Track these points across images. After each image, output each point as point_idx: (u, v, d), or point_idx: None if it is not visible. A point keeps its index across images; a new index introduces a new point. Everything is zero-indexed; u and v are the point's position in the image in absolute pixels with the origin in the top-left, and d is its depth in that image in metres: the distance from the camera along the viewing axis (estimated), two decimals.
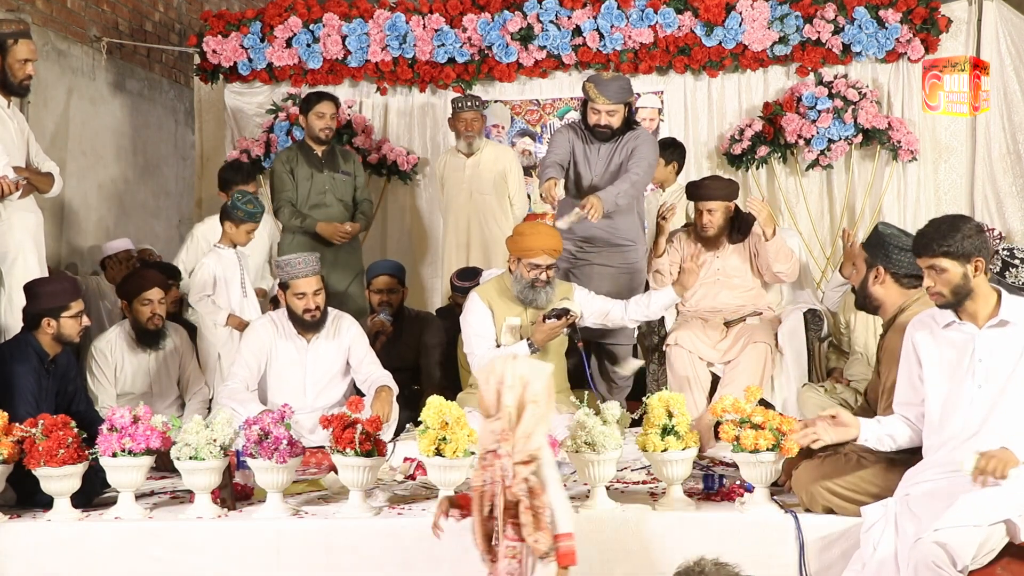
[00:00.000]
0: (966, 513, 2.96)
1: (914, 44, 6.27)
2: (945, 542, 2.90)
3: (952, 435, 3.20)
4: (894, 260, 3.54)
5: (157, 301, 5.04)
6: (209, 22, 6.88)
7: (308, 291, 4.68)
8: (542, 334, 4.66)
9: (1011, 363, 3.13)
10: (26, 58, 4.63)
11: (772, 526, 3.49)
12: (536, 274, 4.71)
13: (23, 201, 4.66)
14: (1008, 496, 3.01)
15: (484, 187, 6.19)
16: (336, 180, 5.96)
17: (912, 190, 6.42)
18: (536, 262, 4.70)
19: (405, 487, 4.10)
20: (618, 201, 4.93)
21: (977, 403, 3.16)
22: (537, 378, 2.74)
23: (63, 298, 4.22)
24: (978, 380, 3.16)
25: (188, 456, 3.67)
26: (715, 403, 3.68)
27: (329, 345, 4.82)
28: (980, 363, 3.16)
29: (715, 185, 5.30)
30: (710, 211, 5.22)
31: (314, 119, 5.97)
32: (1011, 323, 3.14)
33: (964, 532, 2.93)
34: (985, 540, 2.97)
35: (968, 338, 3.19)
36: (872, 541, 3.14)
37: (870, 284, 3.61)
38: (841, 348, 5.24)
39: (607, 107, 5.05)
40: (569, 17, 6.48)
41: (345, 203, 6.02)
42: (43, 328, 4.18)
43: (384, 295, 5.55)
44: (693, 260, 4.93)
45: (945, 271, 3.14)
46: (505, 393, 2.70)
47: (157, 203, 7.83)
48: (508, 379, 2.71)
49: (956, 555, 2.89)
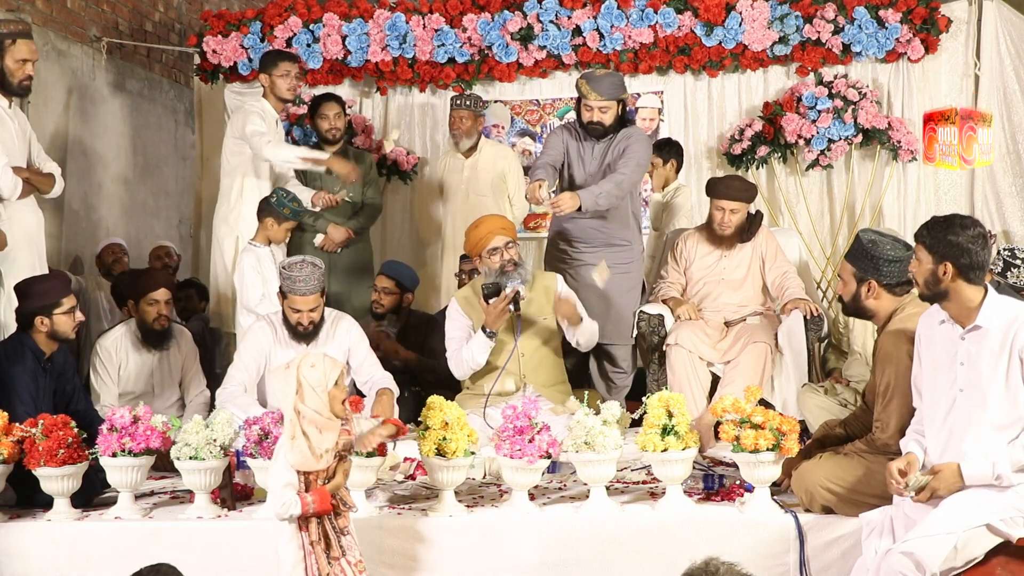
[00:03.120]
0: (940, 521, 2.99)
1: (914, 44, 6.27)
2: (911, 551, 2.94)
3: (935, 437, 3.21)
4: (885, 273, 3.51)
5: (164, 302, 5.03)
6: (209, 22, 6.88)
7: (304, 308, 4.62)
8: (491, 316, 4.67)
9: (989, 369, 3.11)
10: (25, 58, 4.62)
11: (772, 526, 3.49)
12: (498, 258, 4.72)
13: (23, 201, 4.66)
14: (986, 501, 3.02)
15: (482, 188, 6.19)
16: (346, 180, 5.95)
17: (912, 190, 6.42)
18: (493, 245, 4.73)
19: (405, 487, 4.11)
20: (599, 201, 4.93)
21: (958, 406, 3.15)
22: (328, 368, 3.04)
23: (54, 295, 4.20)
24: (959, 384, 3.16)
25: (188, 456, 3.67)
26: (715, 403, 3.69)
27: (327, 348, 4.78)
28: (961, 367, 3.15)
29: (739, 185, 5.32)
30: (733, 211, 5.24)
31: (319, 121, 6.01)
32: (988, 328, 3.11)
33: (933, 540, 2.95)
34: (964, 545, 2.98)
35: (954, 340, 3.19)
36: (873, 548, 3.15)
37: (863, 298, 3.57)
38: (840, 348, 5.24)
39: (599, 103, 5.06)
40: (569, 17, 6.47)
41: (354, 204, 6.02)
42: (37, 327, 4.17)
43: (378, 294, 5.56)
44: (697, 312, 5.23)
45: (919, 261, 3.18)
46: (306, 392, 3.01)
47: (157, 203, 7.83)
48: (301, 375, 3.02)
49: (923, 563, 2.92)
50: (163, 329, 5.05)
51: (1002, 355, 3.09)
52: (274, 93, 5.74)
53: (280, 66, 5.72)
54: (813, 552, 3.45)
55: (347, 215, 5.96)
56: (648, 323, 5.24)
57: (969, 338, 3.15)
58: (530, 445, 3.57)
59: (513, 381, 4.78)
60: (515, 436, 3.59)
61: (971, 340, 3.15)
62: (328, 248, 5.90)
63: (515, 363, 4.80)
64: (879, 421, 3.51)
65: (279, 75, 5.71)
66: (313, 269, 4.58)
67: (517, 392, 4.76)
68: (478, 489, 4.03)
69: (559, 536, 3.55)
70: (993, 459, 3.05)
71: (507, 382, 4.77)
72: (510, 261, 4.72)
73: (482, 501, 3.83)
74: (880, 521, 3.21)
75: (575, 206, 4.85)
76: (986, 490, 3.05)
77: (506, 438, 3.60)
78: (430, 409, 3.68)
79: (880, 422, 3.50)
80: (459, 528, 3.59)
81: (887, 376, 3.47)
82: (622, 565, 3.51)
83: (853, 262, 3.58)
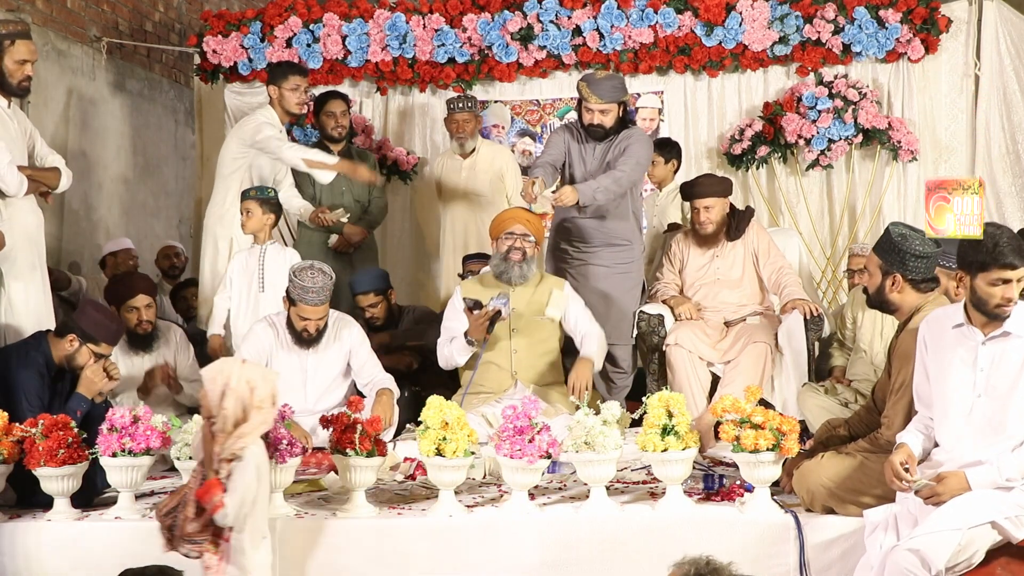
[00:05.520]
0: (946, 518, 2.99)
1: (914, 44, 6.27)
2: (918, 548, 2.93)
3: (947, 440, 3.20)
4: (911, 268, 3.48)
5: (143, 307, 5.00)
6: (209, 22, 6.88)
7: (313, 317, 4.62)
8: (471, 327, 4.76)
9: (1012, 377, 3.09)
10: (24, 59, 4.60)
11: (772, 526, 3.49)
12: (510, 243, 4.77)
13: (23, 202, 4.65)
14: (992, 499, 3.02)
15: (480, 188, 6.20)
16: (353, 181, 5.96)
17: (912, 190, 6.42)
18: (511, 230, 4.82)
19: (405, 487, 4.11)
20: (596, 196, 4.95)
21: (975, 413, 3.14)
22: (264, 384, 2.77)
23: (102, 334, 4.21)
24: (978, 390, 3.14)
25: (188, 456, 3.67)
26: (715, 403, 3.68)
27: (329, 351, 4.78)
28: (981, 372, 3.14)
29: (709, 182, 5.37)
30: (707, 208, 5.27)
31: (325, 119, 6.01)
32: (1015, 335, 3.10)
33: (940, 537, 2.94)
34: (969, 542, 2.98)
35: (973, 344, 3.17)
36: (878, 544, 3.15)
37: (887, 291, 3.55)
38: (845, 344, 5.22)
39: (599, 106, 5.07)
40: (569, 17, 6.48)
41: (362, 204, 6.04)
42: (65, 341, 4.17)
43: (370, 310, 5.52)
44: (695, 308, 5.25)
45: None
46: (228, 395, 2.73)
47: (157, 203, 7.83)
48: (234, 382, 2.74)
49: (929, 560, 2.91)
50: (147, 333, 5.04)
51: None
52: (282, 105, 5.72)
53: (291, 79, 5.70)
54: (813, 552, 3.44)
55: (356, 216, 5.96)
56: (648, 323, 5.24)
57: (992, 343, 3.13)
58: (530, 445, 3.56)
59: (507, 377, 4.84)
60: (515, 436, 3.59)
61: (993, 345, 3.13)
62: (342, 248, 5.91)
63: (507, 359, 4.82)
64: (886, 418, 3.51)
65: (289, 88, 5.69)
66: (325, 280, 4.56)
67: (508, 390, 4.79)
68: (478, 489, 4.03)
69: (559, 536, 3.55)
70: (998, 464, 3.04)
71: (501, 378, 4.82)
72: (517, 250, 4.80)
73: (482, 501, 3.83)
74: (884, 518, 3.20)
75: (575, 199, 4.88)
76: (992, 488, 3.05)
77: (506, 438, 3.60)
78: (430, 409, 3.68)
79: (887, 419, 3.50)
80: (459, 528, 3.59)
81: (903, 374, 3.45)
82: (622, 565, 3.50)
83: (880, 254, 3.55)
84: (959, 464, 3.12)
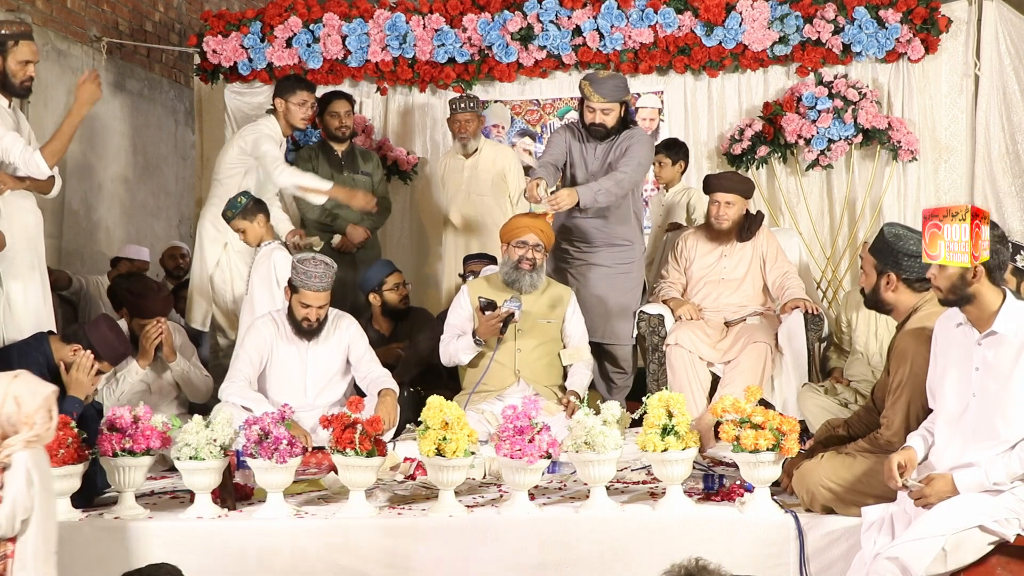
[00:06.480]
0: (930, 525, 2.99)
1: (914, 44, 6.27)
2: (897, 556, 2.95)
3: (941, 440, 3.20)
4: (905, 267, 3.50)
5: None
6: (209, 22, 6.88)
7: (314, 304, 4.67)
8: (482, 327, 4.79)
9: (1003, 378, 3.09)
10: (27, 59, 4.61)
11: (772, 526, 3.49)
12: (521, 253, 4.81)
13: (23, 201, 4.65)
14: (979, 503, 3.02)
15: (482, 188, 6.20)
16: (356, 180, 5.97)
17: (912, 190, 6.42)
18: (522, 239, 4.82)
19: (405, 487, 4.11)
20: (597, 198, 4.96)
21: (971, 411, 3.14)
22: (32, 398, 2.77)
23: (108, 354, 4.22)
24: (973, 388, 3.15)
25: (188, 456, 3.68)
26: (715, 403, 3.69)
27: (329, 345, 4.82)
28: (976, 372, 3.14)
29: (735, 179, 5.43)
30: (728, 203, 5.29)
31: (329, 119, 6.04)
32: (1005, 335, 3.09)
33: (921, 545, 2.95)
34: (955, 547, 2.98)
35: (970, 344, 3.17)
36: (872, 540, 3.15)
37: (882, 291, 3.57)
38: (841, 347, 5.23)
39: (602, 105, 5.08)
40: (569, 17, 6.47)
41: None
42: (69, 348, 4.15)
43: (402, 288, 5.58)
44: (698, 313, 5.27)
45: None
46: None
47: (157, 203, 7.83)
48: (0, 395, 2.75)
49: (909, 568, 2.93)
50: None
51: (1018, 362, 3.06)
52: (287, 119, 5.73)
53: (299, 94, 5.72)
54: (813, 552, 3.45)
55: (360, 215, 5.96)
56: (648, 323, 5.25)
57: (986, 343, 3.13)
58: (530, 445, 3.57)
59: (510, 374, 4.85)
60: (515, 436, 3.59)
61: (988, 345, 3.12)
62: (346, 248, 5.92)
63: (511, 357, 4.83)
64: (885, 418, 3.51)
65: (296, 102, 5.71)
66: (327, 267, 4.65)
67: (511, 386, 4.81)
68: (478, 489, 4.03)
69: (559, 536, 3.55)
70: (986, 468, 3.04)
71: (504, 375, 4.83)
72: (528, 260, 4.82)
73: (482, 501, 3.83)
74: (880, 517, 3.21)
75: (573, 202, 4.89)
76: (979, 492, 3.05)
77: (506, 438, 3.61)
78: (430, 409, 3.68)
79: (886, 419, 3.50)
80: (459, 528, 3.59)
81: (900, 374, 3.46)
82: (622, 565, 3.51)
83: (875, 254, 3.59)
84: (950, 465, 3.12)
